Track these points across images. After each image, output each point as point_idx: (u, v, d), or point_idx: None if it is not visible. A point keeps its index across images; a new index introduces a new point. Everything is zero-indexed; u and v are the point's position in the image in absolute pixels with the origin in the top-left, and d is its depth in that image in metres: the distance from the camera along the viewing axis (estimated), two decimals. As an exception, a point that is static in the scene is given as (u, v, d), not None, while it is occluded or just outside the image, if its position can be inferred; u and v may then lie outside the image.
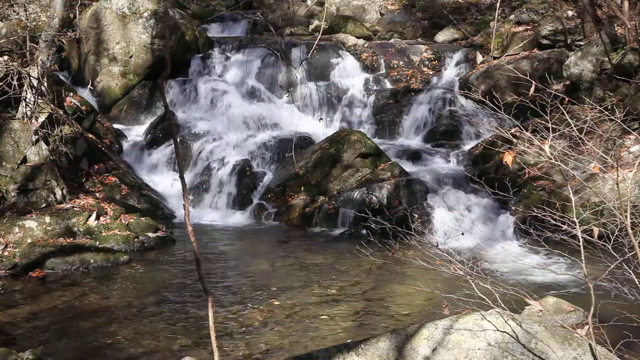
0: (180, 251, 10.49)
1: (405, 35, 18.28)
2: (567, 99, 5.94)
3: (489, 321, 4.52)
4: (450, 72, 16.27)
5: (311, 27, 18.76)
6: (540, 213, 5.31)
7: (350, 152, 12.77)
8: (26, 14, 12.92)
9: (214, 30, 18.31)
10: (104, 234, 10.30)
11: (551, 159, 4.59)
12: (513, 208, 10.90)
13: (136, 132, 14.88)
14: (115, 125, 14.78)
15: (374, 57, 16.52)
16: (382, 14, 19.31)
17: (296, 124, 14.83)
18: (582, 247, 4.54)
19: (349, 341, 5.33)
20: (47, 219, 10.10)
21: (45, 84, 11.25)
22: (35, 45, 11.36)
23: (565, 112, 5.07)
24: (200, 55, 16.29)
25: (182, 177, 4.09)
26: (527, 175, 10.53)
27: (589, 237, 4.56)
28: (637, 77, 12.08)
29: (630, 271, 4.69)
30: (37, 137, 10.82)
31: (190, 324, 7.40)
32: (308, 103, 15.55)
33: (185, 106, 15.23)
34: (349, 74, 16.13)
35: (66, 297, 8.30)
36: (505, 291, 5.00)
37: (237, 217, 12.59)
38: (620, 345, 4.64)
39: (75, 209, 10.53)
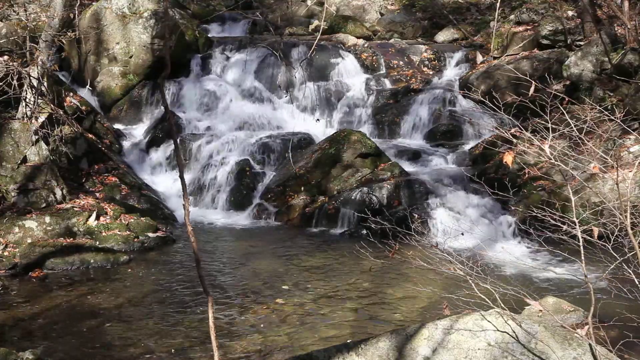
0: (180, 251, 10.49)
1: (405, 35, 18.27)
2: (567, 99, 5.94)
3: (489, 321, 4.51)
4: (450, 72, 16.27)
5: (311, 27, 18.76)
6: (540, 213, 5.30)
7: (350, 152, 12.76)
8: (26, 14, 12.93)
9: (214, 30, 18.32)
10: (104, 234, 10.31)
11: (551, 159, 4.59)
12: (513, 208, 10.89)
13: (136, 132, 14.89)
14: (115, 125, 14.81)
15: (374, 57, 16.52)
16: (382, 14, 19.31)
17: (295, 124, 14.87)
18: (582, 247, 4.54)
19: (349, 341, 5.33)
20: (47, 219, 10.10)
21: (45, 84, 11.25)
22: (35, 45, 11.36)
23: (565, 112, 5.07)
24: (200, 55, 16.30)
25: (182, 177, 4.08)
26: (527, 175, 10.51)
27: (589, 237, 4.56)
28: (637, 77, 12.08)
29: (630, 271, 4.69)
30: (37, 137, 10.82)
31: (190, 324, 7.40)
32: (308, 103, 15.55)
33: (185, 106, 15.25)
34: (349, 74, 16.13)
35: (66, 297, 8.31)
36: (505, 291, 5.00)
37: (237, 217, 12.59)
38: (620, 345, 4.64)
39: (75, 209, 10.54)
